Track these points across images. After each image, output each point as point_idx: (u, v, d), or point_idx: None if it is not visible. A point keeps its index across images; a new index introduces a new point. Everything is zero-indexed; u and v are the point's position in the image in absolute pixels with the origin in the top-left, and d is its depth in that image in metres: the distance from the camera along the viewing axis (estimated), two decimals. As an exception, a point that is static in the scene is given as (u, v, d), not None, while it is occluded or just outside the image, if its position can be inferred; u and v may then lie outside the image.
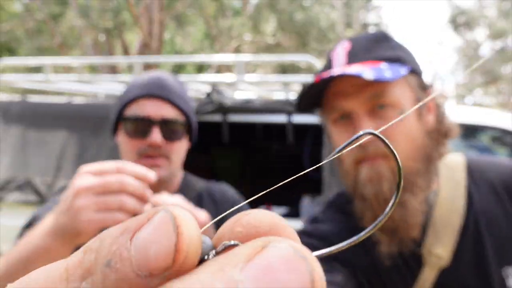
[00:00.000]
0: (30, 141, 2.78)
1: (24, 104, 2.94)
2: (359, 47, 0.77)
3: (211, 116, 2.57)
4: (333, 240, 0.79)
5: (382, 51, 0.76)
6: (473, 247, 0.76)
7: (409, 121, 0.74)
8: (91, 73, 13.61)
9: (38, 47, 11.89)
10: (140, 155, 0.95)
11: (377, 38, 0.79)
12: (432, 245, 0.76)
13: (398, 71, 0.72)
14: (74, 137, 2.72)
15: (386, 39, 0.79)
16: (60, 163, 2.69)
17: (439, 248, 0.75)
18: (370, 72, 0.69)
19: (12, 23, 11.36)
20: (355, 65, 0.74)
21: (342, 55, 0.77)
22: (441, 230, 0.76)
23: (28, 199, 2.65)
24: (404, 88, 0.75)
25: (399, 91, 0.74)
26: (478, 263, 0.75)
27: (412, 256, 0.76)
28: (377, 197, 0.72)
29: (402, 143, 0.73)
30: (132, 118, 0.95)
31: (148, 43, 9.10)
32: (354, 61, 0.75)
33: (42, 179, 2.68)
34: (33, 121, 2.83)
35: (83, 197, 0.61)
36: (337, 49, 0.79)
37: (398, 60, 0.75)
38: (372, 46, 0.77)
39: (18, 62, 4.44)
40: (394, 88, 0.73)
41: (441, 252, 0.75)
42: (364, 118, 0.73)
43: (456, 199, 0.77)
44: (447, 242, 0.75)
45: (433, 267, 0.75)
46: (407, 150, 0.73)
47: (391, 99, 0.73)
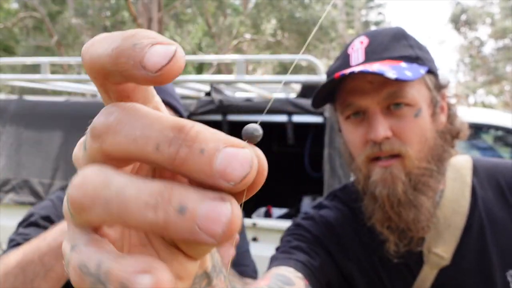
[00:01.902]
0: (27, 141, 2.75)
1: (21, 103, 2.90)
2: (378, 44, 0.75)
3: (211, 115, 2.54)
4: (336, 228, 0.81)
5: (401, 49, 0.74)
6: (475, 248, 0.75)
7: (424, 121, 0.72)
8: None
9: (35, 45, 11.85)
10: None
11: (395, 35, 0.76)
12: (433, 244, 0.75)
13: (418, 71, 0.70)
14: (72, 137, 2.68)
15: (404, 37, 0.76)
16: (57, 164, 2.65)
17: (440, 247, 0.75)
18: (391, 71, 0.67)
19: (9, 21, 11.32)
20: (375, 63, 0.72)
21: (360, 52, 0.75)
22: (443, 230, 0.76)
23: (25, 200, 2.62)
24: (420, 88, 0.73)
25: (416, 91, 0.72)
26: (480, 264, 0.74)
27: (412, 254, 0.76)
28: (389, 199, 0.71)
29: (416, 143, 0.71)
30: None
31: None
32: (372, 58, 0.74)
33: (39, 180, 2.65)
34: (30, 120, 2.79)
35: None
36: (354, 45, 0.77)
37: (417, 60, 0.73)
38: (391, 43, 0.75)
39: (15, 61, 4.40)
40: (411, 88, 0.71)
41: (442, 252, 0.75)
42: (379, 116, 0.72)
43: (461, 200, 0.77)
44: (448, 242, 0.75)
45: (433, 266, 0.75)
46: (421, 151, 0.72)
47: (408, 98, 0.71)
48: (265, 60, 3.13)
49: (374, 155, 0.73)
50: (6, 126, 2.82)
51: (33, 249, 0.68)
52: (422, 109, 0.72)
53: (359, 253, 0.80)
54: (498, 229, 0.75)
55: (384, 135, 0.70)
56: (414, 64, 0.72)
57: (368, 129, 0.72)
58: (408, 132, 0.71)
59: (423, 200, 0.72)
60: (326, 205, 0.86)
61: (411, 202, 0.71)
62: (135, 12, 8.79)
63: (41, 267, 0.65)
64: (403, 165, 0.71)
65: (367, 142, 0.73)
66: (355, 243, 0.80)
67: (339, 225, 0.81)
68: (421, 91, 0.73)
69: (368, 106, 0.73)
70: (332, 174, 2.26)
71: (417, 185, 0.72)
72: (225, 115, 2.52)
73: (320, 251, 0.77)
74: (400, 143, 0.71)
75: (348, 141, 0.78)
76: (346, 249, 0.80)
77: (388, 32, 0.77)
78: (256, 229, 2.39)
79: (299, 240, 0.78)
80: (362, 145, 0.74)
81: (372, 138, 0.71)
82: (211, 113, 2.52)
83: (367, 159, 0.74)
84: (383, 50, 0.74)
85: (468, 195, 0.77)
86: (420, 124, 0.72)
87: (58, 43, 10.84)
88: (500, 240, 0.74)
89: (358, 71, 0.68)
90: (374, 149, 0.72)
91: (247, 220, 2.36)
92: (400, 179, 0.71)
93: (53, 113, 2.78)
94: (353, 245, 0.80)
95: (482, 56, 16.90)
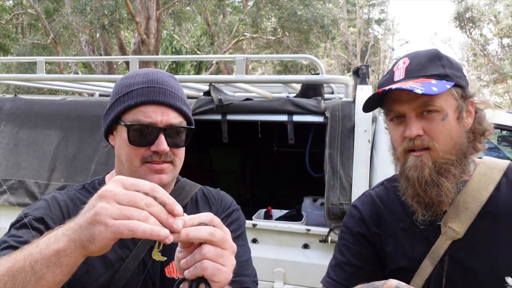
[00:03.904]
0: (22, 141, 2.70)
1: (16, 101, 2.85)
2: (416, 64, 0.98)
3: (211, 115, 2.50)
4: (367, 224, 1.07)
5: (434, 69, 0.97)
6: (486, 231, 0.95)
7: (450, 123, 0.95)
8: (86, 70, 13.51)
9: (31, 44, 11.77)
10: (143, 161, 0.92)
11: (431, 56, 0.99)
12: (450, 220, 0.97)
13: (443, 86, 0.93)
14: (68, 137, 2.64)
15: (438, 58, 0.99)
16: (54, 164, 2.61)
17: (455, 223, 0.96)
18: (420, 88, 0.90)
19: (3, 19, 11.24)
20: (411, 81, 0.95)
21: (402, 71, 0.99)
22: (461, 211, 0.96)
23: (21, 201, 2.57)
24: (447, 98, 0.95)
25: (443, 101, 0.94)
26: (487, 244, 0.94)
27: (433, 226, 0.98)
28: (418, 179, 0.95)
29: (442, 140, 0.95)
30: (136, 125, 0.91)
31: (145, 40, 9.01)
32: (410, 76, 0.97)
33: (35, 180, 2.60)
34: (26, 119, 2.75)
35: (106, 201, 0.60)
36: (399, 64, 1.02)
37: (445, 77, 0.96)
38: (426, 64, 0.98)
39: (11, 60, 4.36)
40: (440, 99, 0.94)
41: (456, 227, 0.95)
42: (414, 119, 0.95)
43: (483, 191, 0.97)
44: (464, 221, 0.96)
45: (448, 238, 0.96)
46: (446, 146, 0.95)
47: (436, 106, 0.94)
48: (265, 59, 3.10)
49: (409, 147, 0.97)
50: (1, 126, 2.77)
51: (25, 256, 0.65)
52: (448, 114, 0.95)
53: (392, 221, 1.05)
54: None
55: (417, 133, 0.94)
56: (443, 81, 0.95)
57: (406, 128, 0.96)
58: (436, 131, 0.94)
59: (444, 181, 0.94)
60: (374, 187, 1.16)
61: (434, 182, 0.94)
62: (133, 10, 8.74)
63: (32, 275, 0.63)
64: (431, 156, 0.95)
65: (404, 138, 0.97)
66: (391, 212, 1.06)
67: (380, 199, 1.09)
68: (448, 101, 0.95)
69: (406, 111, 0.97)
70: (333, 174, 2.22)
71: (440, 170, 0.94)
72: (225, 115, 2.48)
73: (362, 246, 1.06)
74: (429, 139, 0.95)
75: (391, 137, 1.03)
76: (381, 221, 1.06)
77: (426, 53, 1.00)
78: (256, 230, 2.35)
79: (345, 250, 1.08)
80: (401, 140, 0.98)
81: (408, 135, 0.96)
82: (211, 113, 2.48)
83: (404, 150, 0.98)
84: (419, 69, 0.97)
85: (491, 189, 0.97)
86: (446, 126, 0.95)
87: (54, 41, 10.76)
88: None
89: (395, 88, 0.93)
90: (409, 143, 0.96)
91: (247, 221, 2.32)
92: (427, 165, 0.94)
93: (49, 113, 2.73)
94: (389, 215, 1.06)
95: (487, 54, 16.86)
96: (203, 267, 0.62)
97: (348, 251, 1.07)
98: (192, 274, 0.64)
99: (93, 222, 0.59)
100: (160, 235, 0.58)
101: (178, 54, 14.27)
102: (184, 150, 0.99)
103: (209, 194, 1.10)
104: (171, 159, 0.94)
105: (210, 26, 13.23)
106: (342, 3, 19.72)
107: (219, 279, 0.63)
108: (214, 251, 0.63)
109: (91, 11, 8.68)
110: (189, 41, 15.11)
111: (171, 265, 0.96)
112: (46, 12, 11.97)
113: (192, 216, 0.65)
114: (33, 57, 3.07)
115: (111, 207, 0.59)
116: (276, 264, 2.28)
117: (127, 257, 0.93)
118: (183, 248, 0.66)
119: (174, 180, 1.02)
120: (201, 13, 13.70)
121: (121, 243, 0.93)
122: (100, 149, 2.53)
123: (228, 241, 0.66)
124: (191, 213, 0.67)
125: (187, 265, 0.64)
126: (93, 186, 1.02)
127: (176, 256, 0.67)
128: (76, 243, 0.61)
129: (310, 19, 10.60)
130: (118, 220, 0.58)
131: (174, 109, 0.94)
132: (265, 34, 12.10)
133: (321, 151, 2.37)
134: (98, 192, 0.62)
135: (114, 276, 0.91)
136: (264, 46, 14.29)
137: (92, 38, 10.67)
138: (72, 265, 0.63)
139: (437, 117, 0.94)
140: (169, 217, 0.61)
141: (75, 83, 3.46)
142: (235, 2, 17.01)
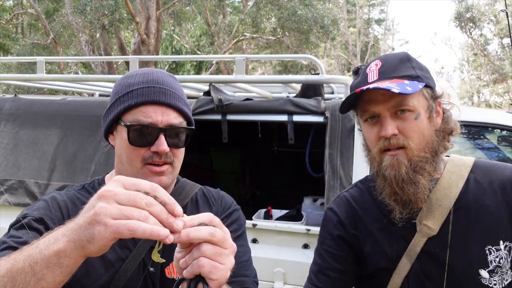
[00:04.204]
0: (22, 141, 2.70)
1: (16, 101, 2.85)
2: (388, 66, 1.01)
3: (211, 115, 2.50)
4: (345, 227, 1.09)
5: (406, 70, 1.00)
6: (459, 226, 0.98)
7: (422, 122, 0.99)
8: (86, 70, 13.49)
9: (31, 44, 11.76)
10: (144, 162, 0.92)
11: (402, 59, 1.02)
12: (424, 218, 1.00)
13: (416, 86, 0.96)
14: (68, 136, 2.63)
15: (408, 60, 1.02)
16: (54, 164, 2.60)
17: (430, 221, 0.99)
18: (396, 87, 0.93)
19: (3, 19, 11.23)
20: (386, 81, 0.97)
21: (375, 72, 1.02)
22: (435, 208, 1.00)
23: (21, 201, 2.57)
24: (419, 98, 0.99)
25: (416, 100, 0.98)
26: (462, 238, 0.98)
27: (409, 224, 1.01)
28: (395, 178, 0.98)
29: (416, 138, 0.98)
30: (136, 125, 0.91)
31: (145, 40, 9.01)
32: (384, 77, 1.00)
33: (35, 180, 2.60)
34: (26, 119, 2.74)
35: (106, 201, 0.60)
36: (371, 66, 1.04)
37: (417, 78, 0.99)
38: (398, 66, 1.01)
39: (11, 59, 4.36)
40: (413, 98, 0.98)
41: (431, 224, 0.99)
42: (389, 119, 0.98)
43: (453, 188, 1.01)
44: (437, 218, 0.99)
45: (424, 235, 0.99)
46: (420, 144, 0.98)
47: (409, 106, 0.97)
48: (265, 59, 3.10)
49: (385, 147, 0.99)
50: (1, 126, 2.77)
51: (24, 256, 0.65)
52: (420, 113, 0.98)
53: (368, 221, 1.07)
54: (483, 213, 0.98)
55: (392, 132, 0.97)
56: (415, 81, 0.98)
57: (381, 128, 0.98)
58: (410, 130, 0.97)
59: (420, 179, 0.97)
60: (348, 189, 1.18)
61: (411, 180, 0.97)
62: (133, 10, 8.73)
63: (31, 276, 0.62)
64: (406, 154, 0.98)
65: (380, 138, 0.99)
66: (367, 213, 1.08)
67: (355, 201, 1.11)
68: (420, 101, 0.99)
69: (380, 111, 0.99)
70: (333, 174, 2.22)
71: (416, 168, 0.97)
72: (225, 114, 2.48)
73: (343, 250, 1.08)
74: (404, 138, 0.97)
75: (366, 138, 1.05)
76: (358, 222, 1.08)
77: (396, 56, 1.04)
78: (256, 230, 2.35)
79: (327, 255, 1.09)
80: (376, 140, 1.00)
81: (383, 135, 0.98)
82: (211, 113, 2.48)
83: (380, 150, 1.00)
84: (392, 71, 1.00)
85: (461, 186, 1.02)
86: (419, 124, 0.98)
87: (54, 41, 10.76)
88: (483, 222, 0.98)
89: (373, 87, 0.95)
90: (385, 143, 0.99)
91: (248, 221, 2.32)
92: (403, 164, 0.97)
93: (49, 113, 2.73)
94: (365, 216, 1.08)
95: (487, 54, 16.82)
96: (200, 265, 0.62)
97: (330, 256, 1.07)
98: (190, 272, 0.64)
99: (92, 222, 0.59)
100: (160, 235, 0.58)
101: (178, 54, 14.26)
102: (184, 150, 0.99)
103: (209, 194, 1.10)
104: (171, 160, 0.93)
105: (210, 26, 13.22)
106: (342, 3, 19.71)
107: (216, 277, 0.63)
108: (213, 249, 0.63)
109: (91, 11, 8.68)
110: (189, 41, 15.10)
111: (171, 265, 0.96)
112: (46, 12, 11.96)
113: (192, 217, 0.65)
114: (33, 57, 3.06)
115: (110, 207, 0.59)
116: (276, 264, 2.28)
117: (127, 257, 0.93)
118: (182, 248, 0.66)
119: (173, 181, 1.01)
120: (201, 13, 13.69)
121: (121, 243, 0.93)
122: (100, 149, 2.53)
123: (228, 241, 0.66)
124: (191, 213, 0.67)
125: (185, 264, 0.65)
126: (92, 186, 1.02)
127: (175, 256, 0.67)
128: (75, 243, 0.61)
129: (310, 19, 10.59)
130: (117, 220, 0.58)
131: (175, 109, 0.93)
132: (265, 34, 12.09)
133: (321, 151, 2.37)
134: (98, 192, 0.62)
135: (114, 276, 0.90)
136: (264, 46, 14.28)
137: (92, 38, 10.66)
138: (72, 265, 0.62)
139: (411, 116, 0.97)
140: (170, 216, 0.61)
141: (75, 83, 3.45)
142: (235, 2, 17.00)
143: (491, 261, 0.96)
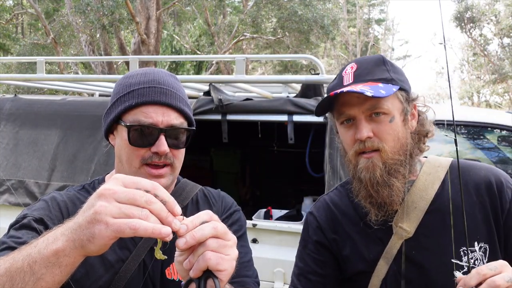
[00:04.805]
0: (22, 141, 2.70)
1: (16, 101, 2.85)
2: (363, 69, 1.02)
3: (211, 115, 2.50)
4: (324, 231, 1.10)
5: (380, 73, 1.01)
6: (435, 228, 0.99)
7: (397, 125, 0.99)
8: (86, 70, 13.49)
9: (31, 43, 11.76)
10: (143, 163, 0.91)
11: (377, 62, 1.03)
12: (400, 220, 1.01)
13: (390, 89, 0.97)
14: (69, 136, 2.63)
15: (383, 63, 1.03)
16: (54, 164, 2.60)
17: (405, 223, 1.00)
18: (369, 91, 0.94)
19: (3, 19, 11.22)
20: (360, 85, 0.98)
21: (350, 75, 1.02)
22: (410, 210, 1.00)
23: (21, 201, 2.57)
24: (394, 101, 1.00)
25: (390, 103, 0.99)
26: (437, 240, 0.98)
27: (385, 227, 1.02)
28: (370, 181, 0.98)
29: (390, 141, 0.98)
30: (136, 125, 0.90)
31: (145, 40, 9.01)
32: (359, 80, 1.00)
33: (35, 180, 2.60)
34: (26, 119, 2.74)
35: (105, 200, 0.60)
36: (347, 69, 1.04)
37: (391, 81, 1.00)
38: (373, 69, 1.01)
39: (11, 59, 4.36)
40: (387, 101, 0.98)
41: (406, 227, 0.99)
42: (364, 122, 0.98)
43: (429, 189, 1.02)
44: (413, 220, 1.00)
45: (400, 237, 0.99)
46: (394, 147, 0.99)
47: (384, 109, 0.98)
48: (265, 59, 3.10)
49: (360, 150, 0.99)
50: (1, 126, 2.77)
51: (23, 256, 0.64)
52: (395, 116, 0.99)
53: (347, 224, 1.08)
54: (458, 214, 0.95)
55: (367, 135, 0.97)
56: (389, 84, 0.99)
57: (356, 131, 0.99)
58: (384, 133, 0.98)
59: (395, 182, 0.98)
60: (329, 192, 1.18)
61: (385, 183, 0.98)
62: (133, 10, 8.73)
63: (30, 276, 0.62)
64: (381, 157, 0.98)
65: (355, 141, 1.00)
66: (346, 216, 1.09)
67: (334, 204, 1.12)
68: (394, 103, 1.00)
69: (356, 114, 0.99)
70: (333, 174, 2.22)
71: (390, 171, 0.98)
72: (225, 114, 2.48)
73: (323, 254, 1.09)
74: (379, 141, 0.98)
75: (342, 140, 1.06)
76: (337, 225, 1.09)
77: (371, 59, 1.05)
78: (256, 230, 2.35)
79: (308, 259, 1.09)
80: (352, 143, 1.01)
81: (358, 138, 0.98)
82: (211, 113, 2.48)
83: (355, 153, 1.01)
84: (367, 74, 1.01)
85: (436, 187, 1.02)
86: (393, 127, 0.99)
87: (54, 41, 10.75)
88: (459, 223, 0.94)
89: (347, 91, 0.96)
90: (360, 146, 0.99)
91: (248, 221, 2.32)
92: (378, 167, 0.98)
93: (49, 113, 2.73)
94: (343, 219, 1.09)
95: (487, 54, 16.82)
96: (206, 258, 0.63)
97: (311, 260, 1.09)
98: (197, 269, 0.63)
99: (92, 221, 0.59)
100: (162, 233, 0.58)
101: (178, 54, 14.25)
102: (184, 151, 0.98)
103: (209, 195, 1.09)
104: (170, 161, 0.93)
105: (210, 26, 13.22)
106: (342, 3, 19.71)
107: (224, 267, 0.63)
108: (217, 242, 0.64)
109: (91, 11, 8.68)
110: (189, 41, 15.09)
111: (172, 266, 0.96)
112: (46, 12, 11.96)
113: (192, 218, 0.65)
114: (33, 57, 3.06)
115: (110, 205, 0.59)
116: (276, 264, 2.28)
117: (127, 258, 0.92)
118: (183, 251, 0.66)
119: (173, 182, 1.01)
120: (201, 13, 13.69)
121: (120, 244, 0.93)
122: (100, 149, 2.53)
123: (229, 233, 0.66)
124: (191, 214, 0.67)
125: (190, 264, 0.64)
126: (92, 186, 1.02)
127: (177, 260, 0.67)
128: (75, 242, 0.61)
129: (310, 19, 10.59)
130: (119, 219, 0.58)
131: (175, 109, 0.93)
132: (265, 34, 12.09)
133: (321, 151, 2.37)
134: (97, 191, 0.61)
135: (114, 277, 0.90)
136: (264, 46, 14.28)
137: (92, 38, 10.66)
138: (71, 265, 0.62)
139: (385, 119, 0.98)
140: (169, 215, 0.61)
141: (75, 83, 3.45)
142: (235, 2, 16.99)
143: (466, 262, 0.96)
